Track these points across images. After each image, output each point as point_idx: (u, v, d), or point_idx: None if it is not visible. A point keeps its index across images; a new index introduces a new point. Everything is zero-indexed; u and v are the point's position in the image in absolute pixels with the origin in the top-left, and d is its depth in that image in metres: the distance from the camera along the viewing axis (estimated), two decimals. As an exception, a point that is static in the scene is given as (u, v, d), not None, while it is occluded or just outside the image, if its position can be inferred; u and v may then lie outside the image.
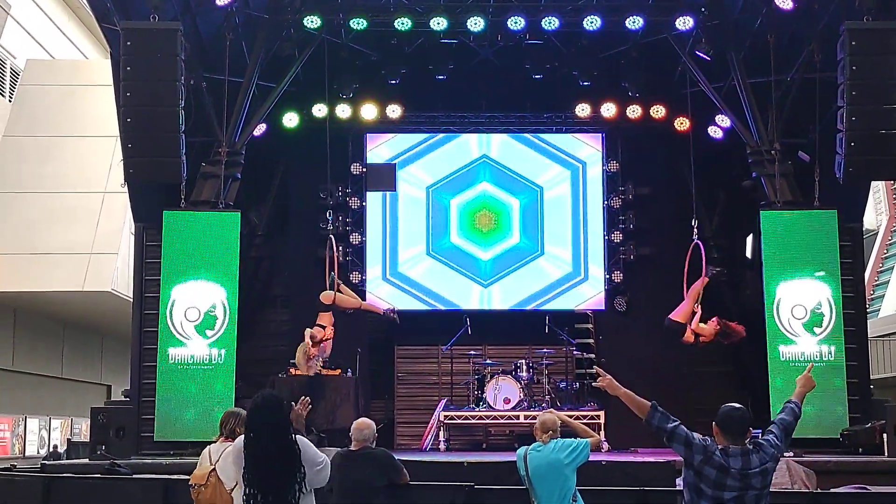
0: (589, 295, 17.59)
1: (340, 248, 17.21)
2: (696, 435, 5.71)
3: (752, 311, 16.10)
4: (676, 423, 5.76)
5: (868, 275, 26.14)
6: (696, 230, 15.40)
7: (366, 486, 8.07)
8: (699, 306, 14.76)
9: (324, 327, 14.86)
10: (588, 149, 17.89)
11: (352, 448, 8.31)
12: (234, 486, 7.76)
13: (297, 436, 6.02)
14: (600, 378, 6.31)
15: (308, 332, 14.69)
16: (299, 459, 5.69)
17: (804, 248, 14.63)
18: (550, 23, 15.27)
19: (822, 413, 14.06)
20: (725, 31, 15.28)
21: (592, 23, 15.25)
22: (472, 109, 17.70)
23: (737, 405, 5.86)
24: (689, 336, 14.68)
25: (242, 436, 6.32)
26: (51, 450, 22.57)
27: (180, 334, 14.43)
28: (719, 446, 5.66)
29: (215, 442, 7.76)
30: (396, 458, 8.51)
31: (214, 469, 7.39)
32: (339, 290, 15.04)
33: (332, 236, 15.42)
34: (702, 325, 14.68)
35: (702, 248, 15.13)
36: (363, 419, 8.44)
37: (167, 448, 13.66)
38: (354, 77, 16.73)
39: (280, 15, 15.33)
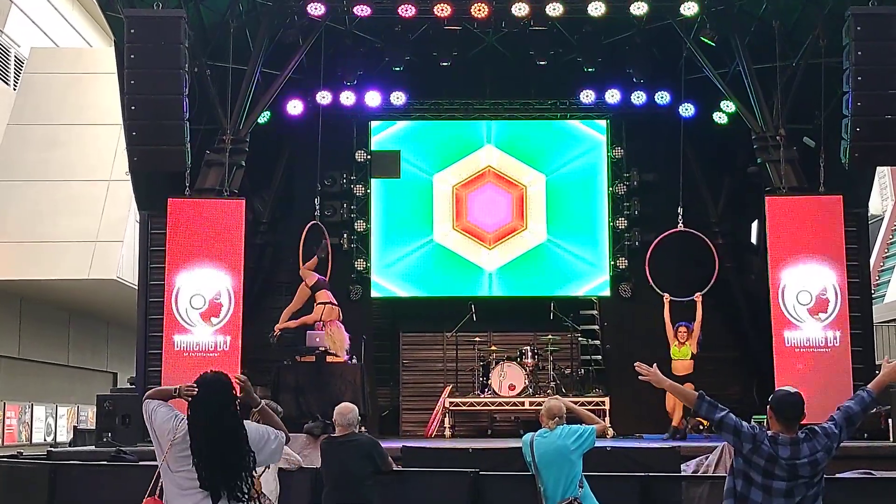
0: (594, 281, 17.59)
1: (345, 234, 17.26)
2: (745, 423, 5.62)
3: (757, 297, 16.12)
4: (725, 412, 5.67)
5: (873, 260, 26.09)
6: (680, 218, 15.58)
7: (353, 474, 8.13)
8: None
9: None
10: (593, 135, 17.87)
11: (336, 434, 8.36)
12: (262, 472, 8.01)
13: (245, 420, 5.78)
14: (644, 371, 6.06)
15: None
16: (245, 441, 5.48)
17: (809, 233, 14.60)
18: (555, 9, 15.22)
19: (826, 399, 14.02)
20: (730, 17, 15.22)
21: (597, 9, 15.21)
22: (476, 96, 17.69)
23: (792, 389, 5.73)
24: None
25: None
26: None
27: (185, 322, 14.44)
28: (769, 433, 5.56)
29: None
30: (382, 445, 8.55)
31: None
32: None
33: (319, 224, 15.51)
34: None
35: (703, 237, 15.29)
36: (345, 404, 8.48)
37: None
38: (358, 64, 16.72)
39: (284, 2, 15.29)
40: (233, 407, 5.52)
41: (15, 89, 22.02)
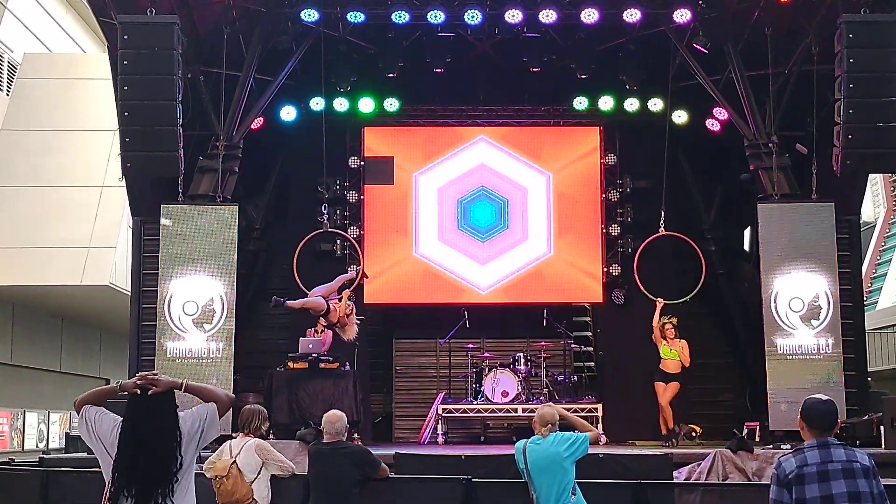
0: (587, 288, 17.59)
1: (338, 240, 17.26)
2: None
3: (749, 304, 16.15)
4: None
5: (866, 267, 26.15)
6: (662, 222, 15.70)
7: (340, 481, 8.15)
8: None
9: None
10: (586, 142, 17.89)
11: (324, 441, 8.37)
12: (255, 478, 8.08)
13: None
14: None
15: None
16: (177, 448, 5.16)
17: (801, 240, 14.63)
18: (548, 16, 15.25)
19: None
20: (723, 24, 15.27)
21: (590, 16, 15.24)
22: (469, 102, 17.71)
23: (823, 397, 5.51)
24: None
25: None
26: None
27: (178, 328, 14.44)
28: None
29: (235, 437, 8.18)
30: (375, 452, 8.55)
31: (235, 462, 7.79)
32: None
33: (328, 231, 15.48)
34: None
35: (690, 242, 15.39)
36: (334, 412, 8.51)
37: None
38: (352, 70, 16.73)
39: (277, 8, 15.31)
40: (173, 405, 5.24)
41: (8, 95, 22.00)
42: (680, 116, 16.88)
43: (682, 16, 15.15)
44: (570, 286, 17.57)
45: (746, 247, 17.31)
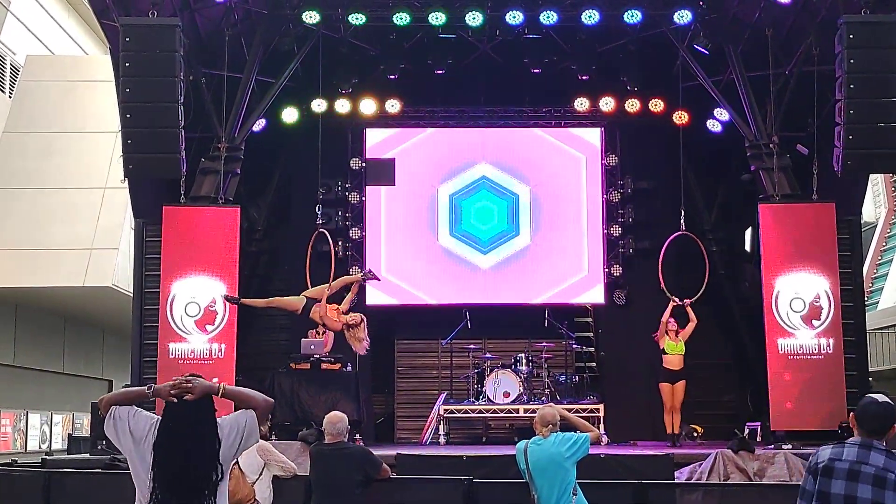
0: (588, 289, 17.61)
1: (340, 242, 17.27)
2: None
3: (750, 304, 16.16)
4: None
5: (867, 268, 26.14)
6: (682, 221, 15.60)
7: (341, 482, 8.17)
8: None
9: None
10: (587, 143, 17.91)
11: (326, 442, 8.40)
12: (257, 479, 8.09)
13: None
14: None
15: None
16: (216, 455, 4.99)
17: (802, 241, 14.64)
18: (549, 17, 15.29)
19: (820, 406, 14.10)
20: (723, 25, 15.30)
21: (591, 17, 15.28)
22: (470, 104, 17.74)
23: (879, 397, 5.14)
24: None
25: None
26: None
27: (180, 329, 14.48)
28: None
29: None
30: (377, 452, 8.58)
31: (237, 462, 7.81)
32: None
33: (325, 231, 15.43)
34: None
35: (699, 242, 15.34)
36: (335, 412, 8.54)
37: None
38: (353, 72, 16.77)
39: (279, 10, 15.35)
40: (212, 413, 5.03)
41: (10, 97, 22.03)
42: (681, 117, 16.90)
43: (682, 17, 15.18)
44: (572, 287, 17.58)
45: (748, 247, 17.33)
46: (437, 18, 15.28)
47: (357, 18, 15.39)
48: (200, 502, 4.88)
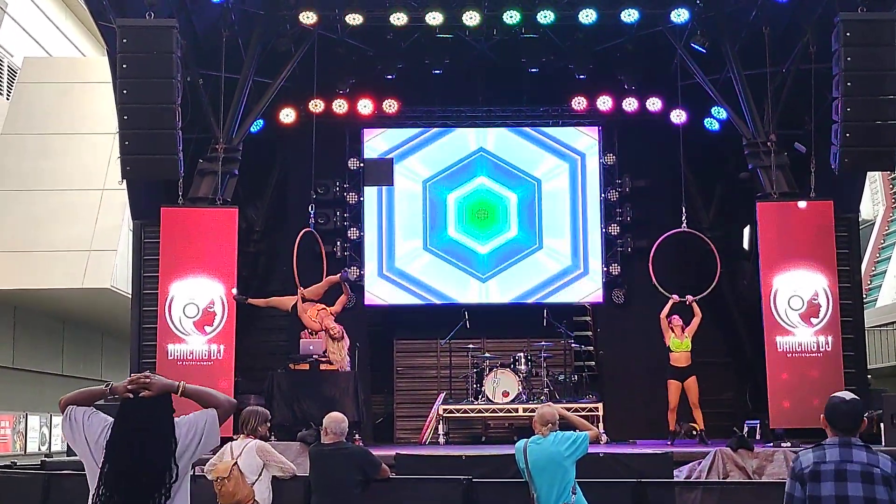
0: (587, 288, 17.62)
1: (338, 242, 17.28)
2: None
3: (749, 302, 16.17)
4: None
5: (865, 265, 26.14)
6: (684, 218, 15.60)
7: (341, 482, 8.18)
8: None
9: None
10: (585, 142, 17.92)
11: (325, 443, 8.39)
12: (256, 480, 8.11)
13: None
14: None
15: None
16: (172, 455, 4.79)
17: (801, 239, 14.65)
18: (546, 16, 15.29)
19: (819, 403, 14.08)
20: (721, 24, 15.30)
21: (588, 16, 15.29)
22: (468, 103, 17.74)
23: (847, 396, 5.29)
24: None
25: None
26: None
27: (179, 330, 14.47)
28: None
29: (236, 439, 8.22)
30: (376, 452, 8.57)
31: (237, 463, 7.84)
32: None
33: (312, 230, 15.43)
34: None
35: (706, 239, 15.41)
36: (334, 413, 8.56)
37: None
38: (350, 72, 16.77)
39: (276, 11, 15.34)
40: (169, 410, 4.83)
41: (8, 99, 22.03)
42: (679, 116, 16.90)
43: (679, 15, 15.19)
44: (570, 286, 17.59)
45: (746, 245, 17.34)
46: (435, 18, 15.28)
47: (354, 18, 15.38)
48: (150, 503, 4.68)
